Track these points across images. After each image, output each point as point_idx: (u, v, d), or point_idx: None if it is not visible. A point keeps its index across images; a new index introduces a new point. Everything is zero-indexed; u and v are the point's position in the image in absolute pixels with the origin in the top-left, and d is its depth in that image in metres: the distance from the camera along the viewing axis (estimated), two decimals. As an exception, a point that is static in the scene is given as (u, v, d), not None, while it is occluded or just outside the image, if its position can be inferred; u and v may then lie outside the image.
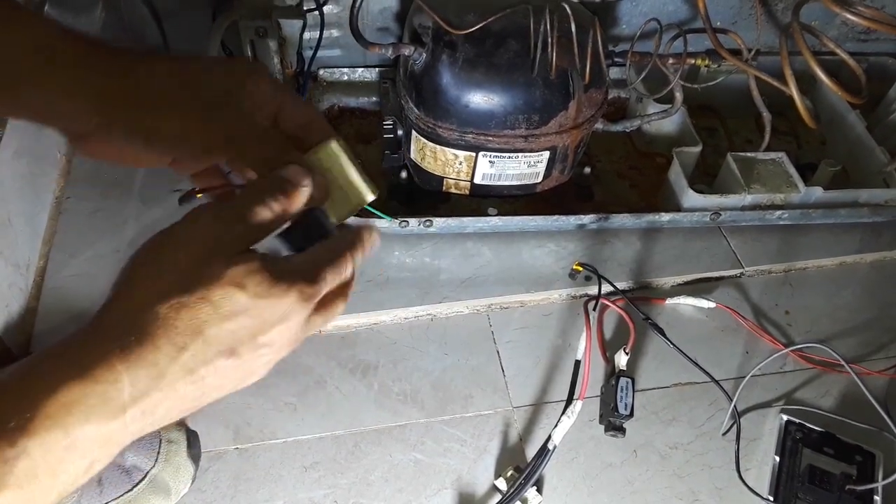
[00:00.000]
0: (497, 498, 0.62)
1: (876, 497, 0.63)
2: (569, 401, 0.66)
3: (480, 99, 0.66)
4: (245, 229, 0.36)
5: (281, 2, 0.74)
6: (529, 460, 0.63)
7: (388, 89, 0.83)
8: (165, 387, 0.32)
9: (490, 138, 0.68)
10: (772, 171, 0.82)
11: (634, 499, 0.64)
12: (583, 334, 0.68)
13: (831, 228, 0.85)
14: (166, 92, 0.42)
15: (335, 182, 0.43)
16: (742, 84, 0.80)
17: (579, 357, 0.68)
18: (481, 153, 0.69)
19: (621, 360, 0.70)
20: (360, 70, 0.88)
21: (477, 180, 0.72)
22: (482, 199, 0.79)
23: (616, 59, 0.73)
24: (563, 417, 0.63)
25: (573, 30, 0.64)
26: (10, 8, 0.40)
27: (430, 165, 0.72)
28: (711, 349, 0.74)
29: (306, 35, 0.78)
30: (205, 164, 0.46)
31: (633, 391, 0.66)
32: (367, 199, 0.45)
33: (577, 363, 0.68)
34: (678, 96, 0.78)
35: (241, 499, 0.61)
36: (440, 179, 0.73)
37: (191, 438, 0.60)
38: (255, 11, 0.72)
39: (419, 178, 0.76)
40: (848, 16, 0.66)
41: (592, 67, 0.66)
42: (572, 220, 0.78)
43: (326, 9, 0.76)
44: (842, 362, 0.71)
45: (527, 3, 0.65)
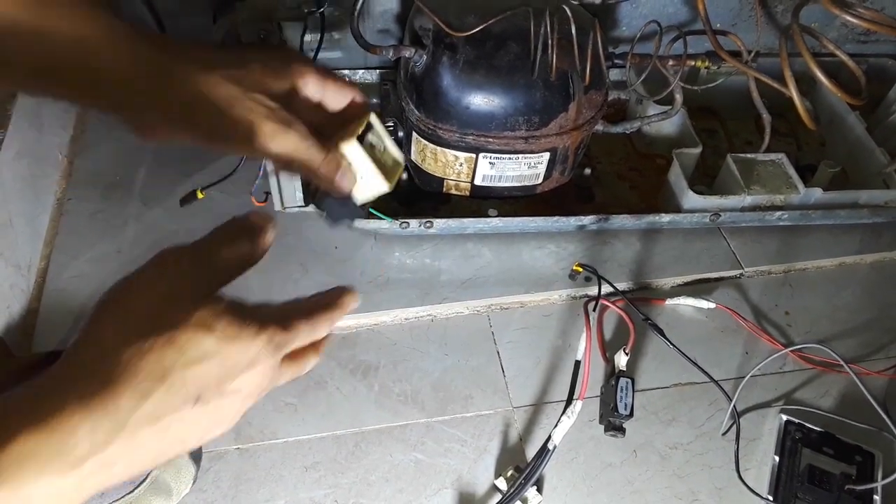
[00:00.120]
0: (497, 498, 0.62)
1: (875, 497, 0.63)
2: (569, 401, 0.66)
3: (481, 101, 0.66)
4: (211, 273, 0.35)
5: (282, 4, 0.75)
6: (529, 460, 0.63)
7: (389, 91, 0.83)
8: (127, 437, 0.30)
9: (490, 140, 0.68)
10: (771, 173, 0.82)
11: (634, 499, 0.64)
12: (583, 335, 0.68)
13: (831, 229, 0.85)
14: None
15: (359, 170, 0.50)
16: (742, 86, 0.80)
17: (579, 357, 0.68)
18: (482, 154, 0.69)
19: (621, 361, 0.70)
20: (361, 72, 0.88)
21: (477, 182, 0.72)
22: (482, 201, 0.79)
23: (616, 61, 0.73)
24: (563, 417, 0.63)
25: (573, 32, 0.64)
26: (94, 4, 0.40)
27: (431, 167, 0.72)
28: (711, 349, 0.74)
29: (307, 37, 0.79)
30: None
31: (633, 391, 0.66)
32: (384, 190, 0.51)
33: (577, 363, 0.68)
34: (678, 98, 0.78)
35: (242, 499, 0.62)
36: (441, 181, 0.74)
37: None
38: (257, 13, 0.72)
39: (420, 180, 0.76)
40: (847, 17, 0.66)
41: (592, 69, 0.66)
42: (572, 222, 0.79)
43: (327, 11, 0.76)
44: (841, 363, 0.71)
45: (527, 6, 0.65)
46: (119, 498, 0.55)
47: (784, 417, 0.68)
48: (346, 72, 0.88)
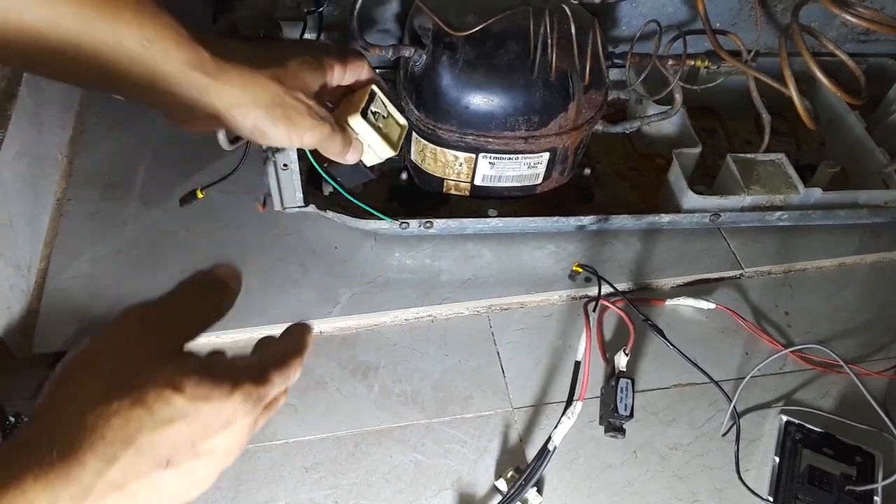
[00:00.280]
0: (497, 499, 0.62)
1: (876, 498, 0.63)
2: (569, 402, 0.66)
3: (480, 100, 0.66)
4: (178, 329, 0.34)
5: (281, 3, 0.74)
6: (530, 461, 0.63)
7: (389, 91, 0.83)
8: None
9: (490, 140, 0.68)
10: (771, 173, 0.82)
11: (634, 499, 0.64)
12: (583, 335, 0.68)
13: (831, 229, 0.85)
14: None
15: (366, 140, 0.56)
16: (742, 85, 0.80)
17: (579, 358, 0.68)
18: (481, 155, 0.69)
19: (621, 361, 0.70)
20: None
21: (477, 182, 0.72)
22: (482, 201, 0.79)
23: (616, 61, 0.73)
24: (564, 418, 0.63)
25: (573, 31, 0.64)
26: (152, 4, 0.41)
27: (431, 167, 0.72)
28: (711, 350, 0.74)
29: (306, 36, 0.78)
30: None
31: (633, 392, 0.66)
32: (390, 155, 0.58)
33: (577, 364, 0.68)
34: (678, 98, 0.78)
35: (242, 499, 0.62)
36: (440, 181, 0.73)
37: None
38: (256, 13, 0.72)
39: (419, 180, 0.76)
40: (847, 17, 0.66)
41: (592, 69, 0.66)
42: (572, 222, 0.79)
43: (326, 10, 0.76)
44: (841, 363, 0.71)
45: (527, 5, 0.65)
46: None
47: (784, 418, 0.68)
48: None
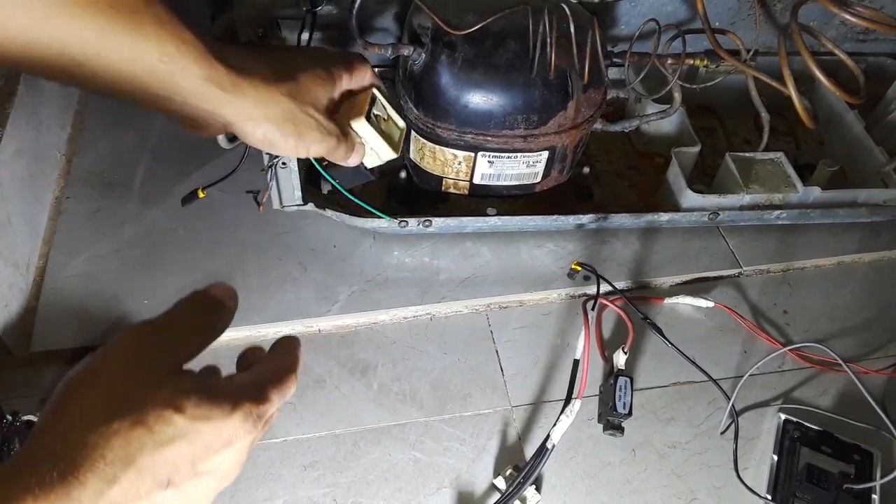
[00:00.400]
0: (496, 497, 0.62)
1: (874, 496, 0.63)
2: (567, 400, 0.66)
3: (479, 99, 0.66)
4: (176, 348, 0.34)
5: (280, 2, 0.74)
6: (528, 459, 0.63)
7: (388, 89, 0.83)
8: None
9: (489, 138, 0.68)
10: (770, 171, 0.82)
11: (633, 498, 0.64)
12: (581, 334, 0.68)
13: (829, 228, 0.85)
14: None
15: (369, 142, 0.57)
16: (741, 84, 0.80)
17: (578, 356, 0.68)
18: (480, 153, 0.69)
19: (620, 360, 0.70)
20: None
21: (476, 180, 0.72)
22: (481, 199, 0.79)
23: (615, 60, 0.73)
24: (562, 416, 0.63)
25: (572, 30, 0.64)
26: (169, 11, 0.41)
27: (430, 165, 0.72)
28: (710, 348, 0.74)
29: (305, 35, 0.78)
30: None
31: (632, 390, 0.66)
32: (391, 157, 0.59)
33: (576, 362, 0.68)
34: (677, 96, 0.78)
35: (241, 498, 0.62)
36: (439, 179, 0.73)
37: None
38: (255, 12, 0.72)
39: (418, 178, 0.76)
40: (846, 16, 0.66)
41: (591, 68, 0.66)
42: (571, 220, 0.79)
43: (325, 9, 0.76)
44: (840, 361, 0.71)
45: (526, 4, 0.65)
46: None
47: (782, 416, 0.68)
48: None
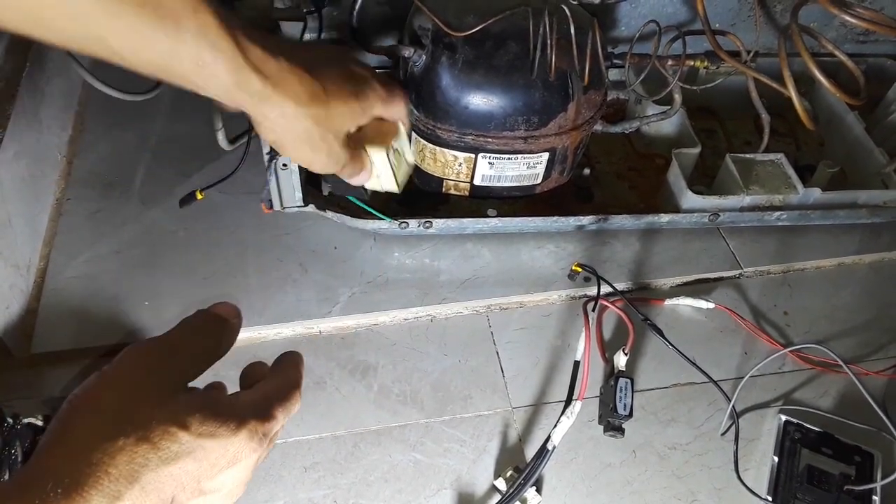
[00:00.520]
0: (496, 498, 0.62)
1: (874, 497, 0.63)
2: (568, 401, 0.66)
3: (480, 101, 0.66)
4: (181, 366, 0.34)
5: (281, 4, 0.74)
6: (529, 460, 0.63)
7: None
8: None
9: (489, 140, 0.68)
10: (770, 173, 0.82)
11: (633, 499, 0.64)
12: (582, 335, 0.68)
13: (830, 229, 0.85)
14: None
15: (378, 171, 0.56)
16: (741, 86, 0.80)
17: (578, 358, 0.68)
18: (481, 155, 0.69)
19: (620, 361, 0.70)
20: (360, 71, 0.87)
21: (476, 182, 0.72)
22: (482, 201, 0.79)
23: (615, 61, 0.73)
24: (563, 418, 0.63)
25: (572, 32, 0.64)
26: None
27: (430, 167, 0.72)
28: (710, 350, 0.74)
29: (306, 36, 0.78)
30: None
31: (632, 392, 0.66)
32: (393, 190, 0.58)
33: (577, 364, 0.68)
34: (677, 98, 0.78)
35: (241, 499, 0.61)
36: (440, 181, 0.73)
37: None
38: (256, 13, 0.72)
39: (419, 180, 0.76)
40: (846, 17, 0.66)
41: (591, 69, 0.66)
42: (571, 222, 0.79)
43: (326, 11, 0.76)
44: (840, 363, 0.71)
45: (526, 5, 0.65)
46: None
47: (783, 418, 0.68)
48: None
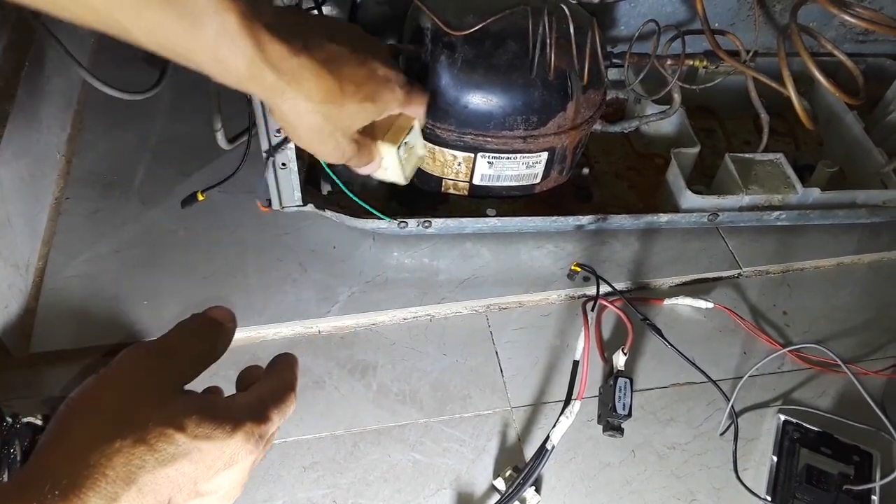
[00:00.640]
0: (496, 498, 0.62)
1: (873, 497, 0.63)
2: (567, 401, 0.66)
3: (479, 100, 0.66)
4: (177, 369, 0.34)
5: (281, 2, 0.74)
6: (528, 460, 0.63)
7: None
8: None
9: (489, 139, 0.68)
10: (769, 172, 0.82)
11: (632, 499, 0.64)
12: (581, 335, 0.68)
13: (829, 229, 0.85)
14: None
15: (386, 164, 0.58)
16: (740, 85, 0.80)
17: (577, 357, 0.68)
18: (480, 154, 0.69)
19: (619, 361, 0.70)
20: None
21: (476, 181, 0.72)
22: (481, 200, 0.79)
23: (614, 61, 0.73)
24: (562, 417, 0.63)
25: (571, 31, 0.64)
26: None
27: (429, 166, 0.72)
28: (709, 349, 0.74)
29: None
30: None
31: (632, 391, 0.66)
32: (400, 182, 0.61)
33: (576, 363, 0.68)
34: (676, 97, 0.78)
35: (240, 499, 0.61)
36: (439, 180, 0.73)
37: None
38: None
39: (418, 179, 0.76)
40: (846, 17, 0.66)
41: (591, 68, 0.66)
42: (571, 221, 0.79)
43: (325, 9, 0.76)
44: (839, 362, 0.71)
45: (525, 5, 0.65)
46: None
47: (782, 417, 0.68)
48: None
